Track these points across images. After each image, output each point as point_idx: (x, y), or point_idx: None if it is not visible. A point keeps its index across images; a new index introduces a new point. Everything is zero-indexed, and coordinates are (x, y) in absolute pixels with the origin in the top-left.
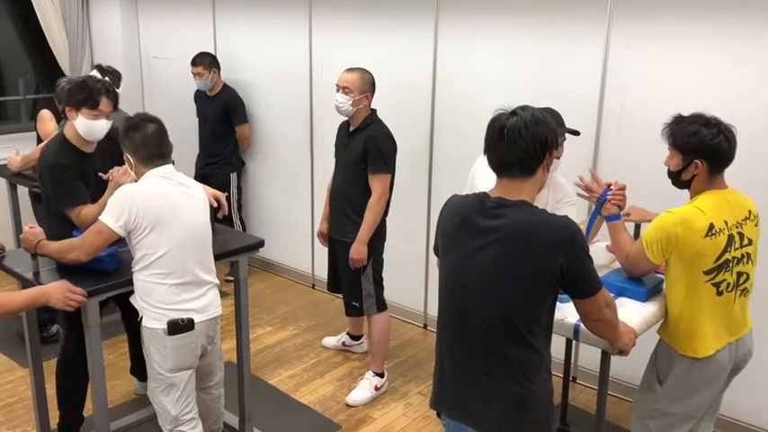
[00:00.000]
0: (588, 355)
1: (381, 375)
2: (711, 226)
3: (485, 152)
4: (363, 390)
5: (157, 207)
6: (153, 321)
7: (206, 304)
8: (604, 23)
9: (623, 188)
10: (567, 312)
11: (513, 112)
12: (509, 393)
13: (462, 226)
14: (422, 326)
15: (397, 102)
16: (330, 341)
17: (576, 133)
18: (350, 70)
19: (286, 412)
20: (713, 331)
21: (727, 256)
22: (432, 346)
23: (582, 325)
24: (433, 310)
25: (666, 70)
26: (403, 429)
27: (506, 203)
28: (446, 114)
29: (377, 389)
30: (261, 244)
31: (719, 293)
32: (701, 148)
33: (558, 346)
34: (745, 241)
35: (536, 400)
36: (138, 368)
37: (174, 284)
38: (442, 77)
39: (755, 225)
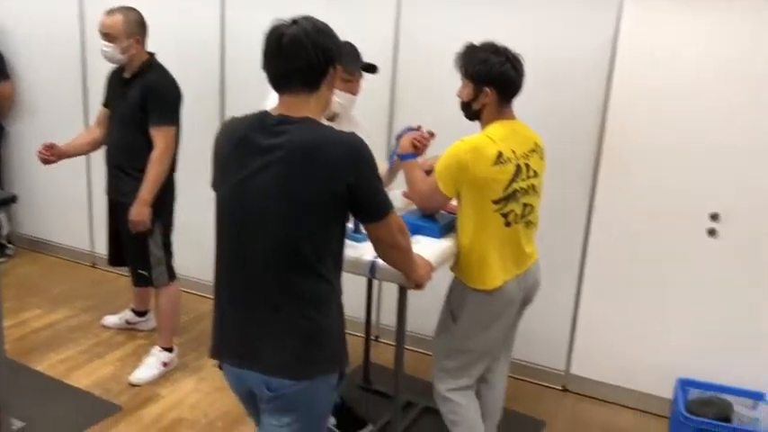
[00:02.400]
0: (390, 314)
1: (170, 350)
2: (500, 154)
3: (263, 66)
4: (149, 367)
5: None
6: None
7: None
8: None
9: (431, 135)
10: (362, 251)
11: (294, 21)
12: (299, 329)
13: (240, 147)
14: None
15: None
16: (111, 320)
17: (372, 69)
18: (110, 12)
19: (53, 398)
20: (501, 263)
21: (515, 186)
22: None
23: (378, 261)
24: None
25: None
26: (196, 404)
27: (289, 120)
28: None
29: (165, 365)
30: (12, 199)
31: (508, 224)
32: (489, 75)
33: (357, 304)
34: (531, 173)
35: (327, 335)
36: None
37: None
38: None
39: (541, 158)
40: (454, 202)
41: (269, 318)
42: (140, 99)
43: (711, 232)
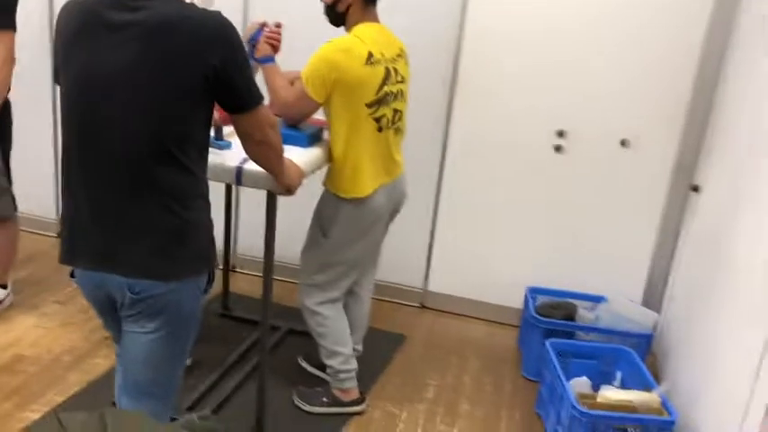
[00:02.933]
0: (247, 245)
1: (5, 287)
2: (371, 54)
3: None
4: None
5: None
6: None
7: None
8: None
9: (279, 26)
10: (226, 157)
11: None
12: (161, 224)
13: (87, 25)
14: (55, 235)
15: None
16: None
17: None
18: None
19: None
20: (374, 171)
21: (386, 89)
22: None
23: (245, 166)
24: None
25: None
26: (37, 341)
27: None
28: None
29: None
30: None
31: (380, 129)
32: None
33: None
34: (399, 77)
35: (193, 230)
36: None
37: None
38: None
39: (406, 64)
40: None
41: (127, 213)
42: None
43: (558, 149)
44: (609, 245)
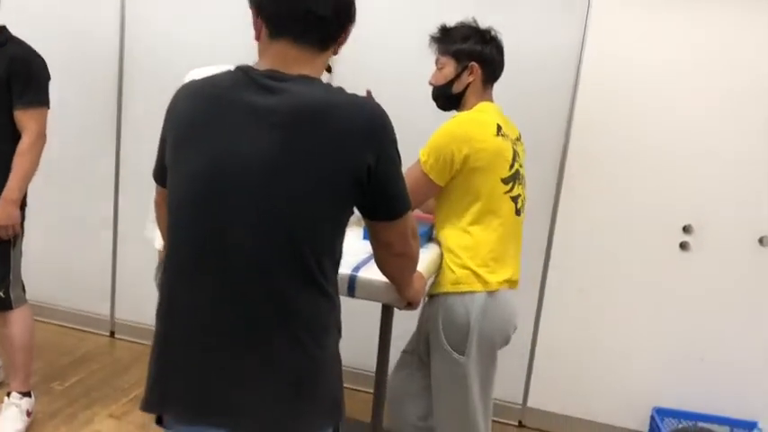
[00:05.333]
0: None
1: (29, 395)
2: (499, 127)
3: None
4: (12, 420)
5: None
6: None
7: None
8: None
9: (369, 95)
10: None
11: None
12: (295, 366)
13: (218, 107)
14: (107, 334)
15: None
16: None
17: None
18: None
19: None
20: (503, 260)
21: (516, 166)
22: (123, 360)
23: (360, 275)
24: (125, 314)
25: None
26: None
27: (285, 77)
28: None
29: (29, 414)
30: None
31: (518, 212)
32: (474, 52)
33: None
34: (520, 162)
35: (326, 375)
36: None
37: None
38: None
39: (524, 151)
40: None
41: (255, 348)
42: (5, 75)
43: (683, 246)
44: (754, 357)
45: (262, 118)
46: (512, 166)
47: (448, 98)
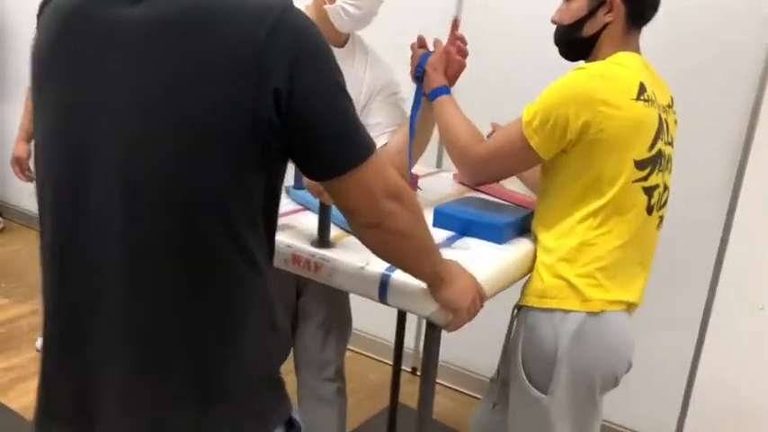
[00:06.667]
0: None
1: None
2: (643, 87)
3: None
4: None
5: None
6: None
7: None
8: None
9: (456, 27)
10: (369, 256)
11: None
12: (208, 359)
13: (74, 30)
14: None
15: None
16: None
17: None
18: None
19: None
20: (626, 274)
21: (660, 145)
22: None
23: (394, 275)
24: None
25: None
26: None
27: None
28: None
29: None
30: None
31: (650, 210)
32: None
33: None
34: (669, 138)
35: (244, 369)
36: None
37: None
38: None
39: (675, 122)
40: (517, 190)
41: (154, 344)
42: None
43: None
44: None
45: (118, 39)
46: (653, 145)
47: (576, 43)
